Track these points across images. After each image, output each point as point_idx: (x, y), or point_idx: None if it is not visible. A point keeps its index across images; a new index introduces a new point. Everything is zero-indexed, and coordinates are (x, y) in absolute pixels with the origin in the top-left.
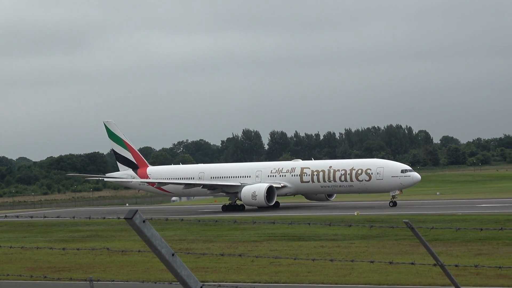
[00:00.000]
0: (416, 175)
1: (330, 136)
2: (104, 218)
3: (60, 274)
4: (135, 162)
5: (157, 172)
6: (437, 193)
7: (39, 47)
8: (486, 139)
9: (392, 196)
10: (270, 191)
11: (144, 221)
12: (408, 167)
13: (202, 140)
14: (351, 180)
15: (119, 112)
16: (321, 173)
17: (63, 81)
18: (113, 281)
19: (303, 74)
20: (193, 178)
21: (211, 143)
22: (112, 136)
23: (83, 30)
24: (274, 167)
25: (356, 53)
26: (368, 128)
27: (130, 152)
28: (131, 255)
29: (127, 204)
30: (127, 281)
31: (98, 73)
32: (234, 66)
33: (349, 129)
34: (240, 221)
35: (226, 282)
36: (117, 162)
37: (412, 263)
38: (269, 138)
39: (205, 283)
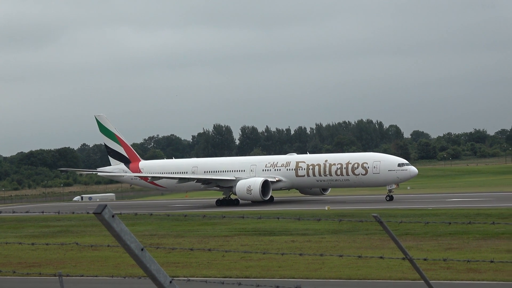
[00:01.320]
0: (413, 169)
1: (301, 131)
2: (74, 213)
3: (30, 269)
4: (127, 156)
5: (149, 166)
6: (408, 188)
7: (9, 42)
8: (457, 133)
9: (388, 190)
10: (265, 185)
11: (113, 216)
12: (405, 161)
13: (173, 135)
14: (347, 174)
15: (88, 107)
16: (316, 167)
17: (32, 76)
18: (82, 276)
19: (273, 69)
20: (186, 173)
21: (182, 138)
22: (104, 130)
23: (52, 26)
24: (269, 161)
25: (326, 49)
26: (339, 123)
27: (122, 146)
28: (101, 251)
29: (97, 199)
30: (96, 276)
31: (67, 69)
32: (203, 61)
33: (320, 124)
34: (210, 216)
35: (196, 277)
36: (109, 157)
37: (381, 257)
38: (240, 133)
39: (175, 278)
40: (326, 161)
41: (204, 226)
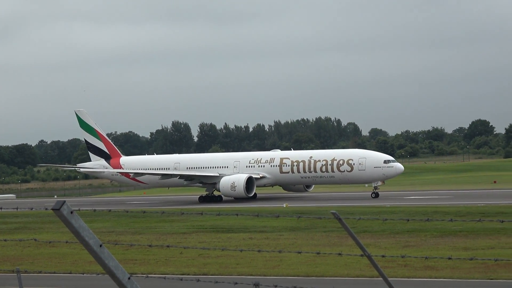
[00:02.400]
0: (399, 166)
1: (259, 128)
2: (32, 209)
3: None
4: (107, 152)
5: (130, 162)
6: (365, 185)
7: None
8: (415, 131)
9: (374, 187)
10: (250, 182)
11: (71, 212)
12: (391, 158)
13: (131, 132)
14: (333, 171)
15: (45, 105)
16: (301, 164)
17: None
18: (40, 272)
19: (232, 66)
20: (168, 169)
21: (140, 135)
22: (84, 125)
23: (4, 22)
24: (252, 158)
25: (284, 46)
26: (297, 121)
27: (102, 142)
28: (59, 247)
29: (55, 196)
30: (55, 273)
31: (23, 65)
32: (160, 58)
33: (279, 121)
34: (169, 212)
35: (154, 274)
36: (89, 152)
37: (340, 254)
38: (199, 130)
39: (133, 275)
40: (311, 157)
41: (162, 223)
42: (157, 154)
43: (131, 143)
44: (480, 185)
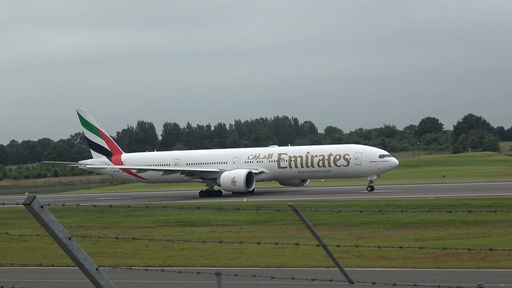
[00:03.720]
0: (393, 160)
1: (220, 127)
2: (4, 204)
3: None
4: (108, 149)
5: (131, 159)
6: (322, 180)
7: None
8: (368, 129)
9: (370, 181)
10: (249, 176)
11: (41, 207)
12: (386, 152)
13: None
14: (329, 166)
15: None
16: (298, 159)
17: None
18: (12, 264)
19: (194, 68)
20: (169, 165)
21: (107, 135)
22: (85, 123)
23: None
24: (251, 153)
25: (242, 48)
26: (256, 120)
27: (103, 139)
28: (30, 241)
29: (26, 193)
30: (26, 265)
31: None
32: (125, 61)
33: (239, 120)
34: (135, 208)
35: (121, 266)
36: (91, 150)
37: (297, 244)
38: (163, 129)
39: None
40: (308, 153)
41: (128, 218)
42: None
43: None
44: (430, 180)
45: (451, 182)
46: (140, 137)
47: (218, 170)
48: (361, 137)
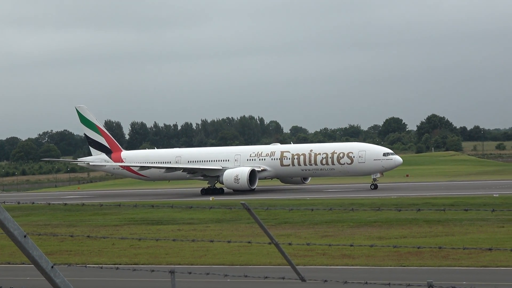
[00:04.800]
0: (398, 158)
1: (187, 126)
2: None
3: None
4: (108, 146)
5: (132, 156)
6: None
7: None
8: (332, 129)
9: (373, 179)
10: (252, 174)
11: None
12: (390, 151)
13: (66, 130)
14: (333, 164)
15: None
16: (301, 157)
17: None
18: None
19: (161, 68)
20: (170, 162)
21: (75, 134)
22: (84, 121)
23: None
24: (253, 151)
25: (208, 49)
26: (223, 119)
27: (103, 136)
28: None
29: None
30: None
31: None
32: (90, 61)
33: (205, 120)
34: (106, 205)
35: (89, 264)
36: (90, 147)
37: (249, 242)
38: (130, 128)
39: (68, 265)
40: (311, 150)
41: (95, 216)
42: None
43: (66, 141)
44: (394, 179)
45: (415, 182)
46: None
47: (221, 167)
48: (326, 136)
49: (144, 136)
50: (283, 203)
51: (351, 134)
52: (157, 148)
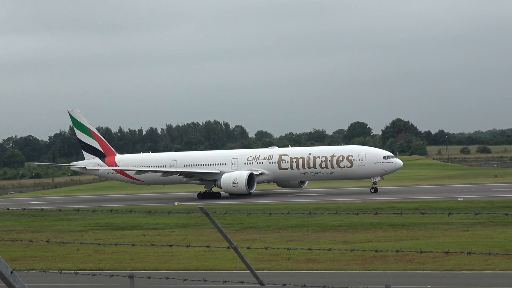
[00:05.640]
0: (398, 161)
1: (152, 131)
2: None
3: None
4: (101, 150)
5: (126, 160)
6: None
7: None
8: (297, 133)
9: (373, 182)
10: (250, 178)
11: None
12: (390, 153)
13: (31, 136)
14: (332, 167)
15: None
16: (300, 160)
17: None
18: None
19: (125, 73)
20: (165, 166)
21: (39, 139)
22: (77, 124)
23: None
24: (250, 155)
25: (172, 53)
26: (188, 124)
27: (96, 140)
28: None
29: None
30: None
31: None
32: (54, 65)
33: (170, 125)
34: (66, 212)
35: (52, 270)
36: (83, 151)
37: (208, 246)
38: None
39: (31, 271)
40: (309, 154)
41: (60, 222)
42: (55, 157)
43: (30, 146)
44: (358, 183)
45: (379, 186)
46: (72, 142)
47: (219, 171)
48: (291, 141)
49: (109, 141)
50: (248, 207)
51: (316, 138)
52: (122, 153)
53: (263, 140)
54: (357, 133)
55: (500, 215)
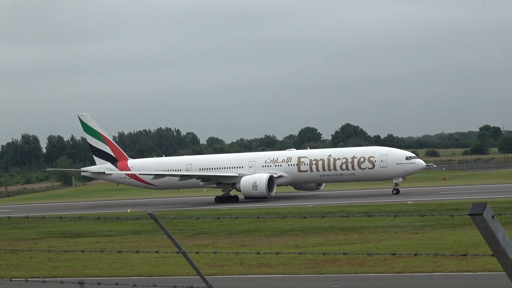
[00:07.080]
0: (420, 162)
1: None
2: None
3: None
4: (113, 155)
5: (139, 165)
6: (204, 190)
7: None
8: (249, 139)
9: (395, 183)
10: (270, 181)
11: None
12: (412, 154)
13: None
14: (353, 169)
15: None
16: (320, 162)
17: None
18: None
19: (73, 82)
20: (180, 170)
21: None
22: (87, 129)
23: None
24: (268, 157)
25: (121, 62)
26: (139, 131)
27: (108, 145)
28: None
29: None
30: None
31: None
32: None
33: (122, 132)
34: (15, 217)
35: (5, 278)
36: (94, 156)
37: (157, 252)
38: (47, 142)
39: None
40: (329, 155)
41: (13, 230)
42: (7, 165)
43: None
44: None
45: (328, 190)
46: (24, 150)
47: (237, 174)
48: (242, 147)
49: (61, 150)
50: (200, 213)
51: (267, 144)
52: (74, 161)
53: (215, 146)
54: (307, 138)
55: (449, 217)
